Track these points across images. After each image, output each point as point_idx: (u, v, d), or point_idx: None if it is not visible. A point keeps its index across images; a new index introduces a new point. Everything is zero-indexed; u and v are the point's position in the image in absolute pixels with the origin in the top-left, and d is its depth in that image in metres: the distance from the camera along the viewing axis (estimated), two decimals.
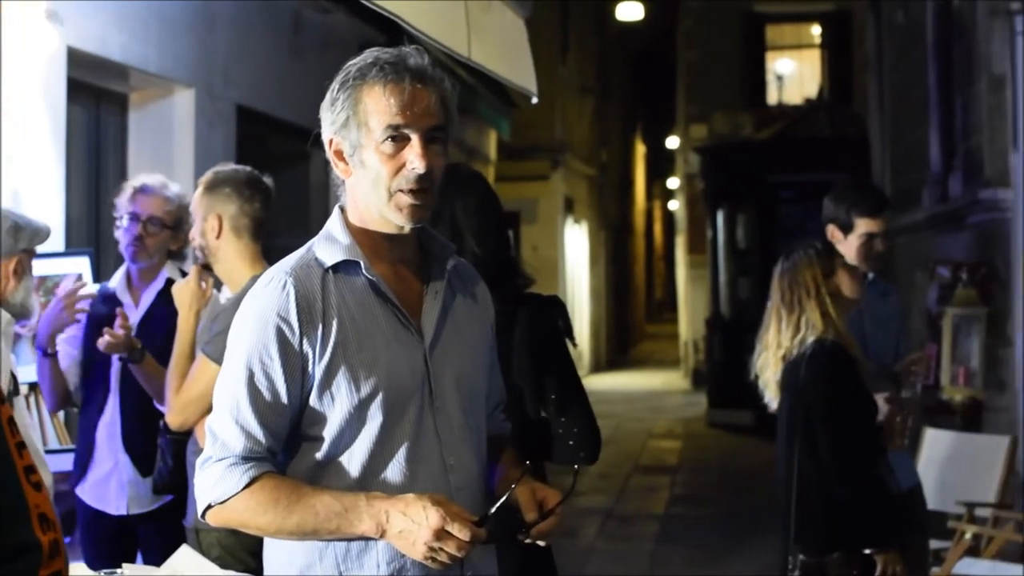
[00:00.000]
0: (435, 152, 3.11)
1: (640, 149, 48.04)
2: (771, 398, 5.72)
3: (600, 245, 34.53)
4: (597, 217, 33.97)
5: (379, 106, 3.08)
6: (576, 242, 30.44)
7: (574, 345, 4.39)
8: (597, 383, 28.52)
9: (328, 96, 3.16)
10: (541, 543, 3.17)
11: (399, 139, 3.08)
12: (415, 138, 3.08)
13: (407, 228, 3.16)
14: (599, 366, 32.19)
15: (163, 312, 5.89)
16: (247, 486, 3.04)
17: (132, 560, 5.83)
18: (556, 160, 27.09)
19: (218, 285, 5.54)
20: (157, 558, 4.92)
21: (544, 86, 23.22)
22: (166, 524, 5.86)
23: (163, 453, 5.50)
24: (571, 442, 4.23)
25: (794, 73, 27.34)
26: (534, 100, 13.81)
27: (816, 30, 27.24)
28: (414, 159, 3.07)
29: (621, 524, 13.38)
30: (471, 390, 3.27)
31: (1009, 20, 10.22)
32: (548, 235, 26.72)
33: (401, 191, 3.10)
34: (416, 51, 3.16)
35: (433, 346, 3.18)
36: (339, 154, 3.16)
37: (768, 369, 5.63)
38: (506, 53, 12.47)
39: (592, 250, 32.74)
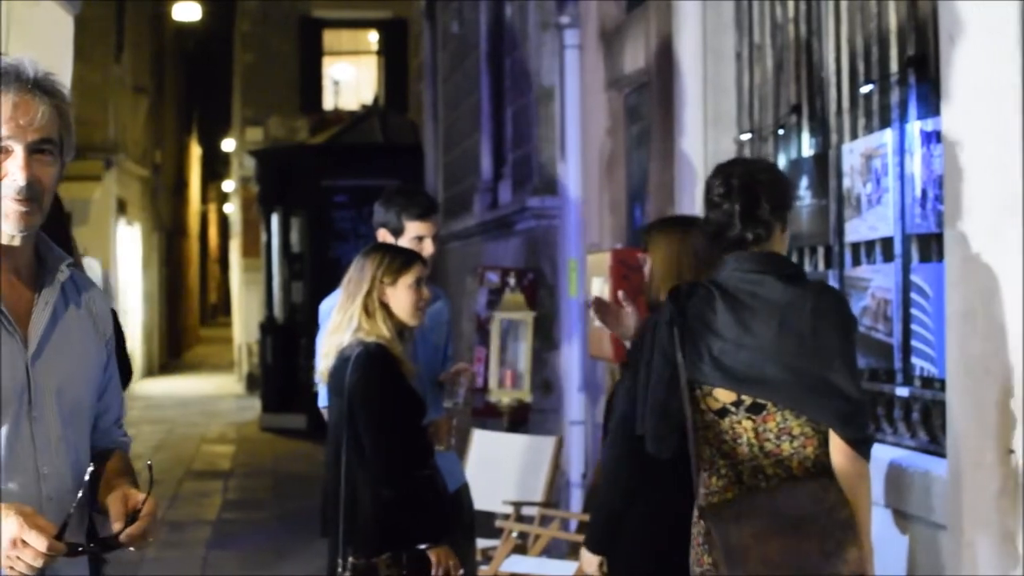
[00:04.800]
0: (42, 163, 3.10)
1: (196, 151, 47.51)
2: (324, 393, 5.72)
3: (153, 248, 34.00)
4: (150, 219, 33.43)
5: None
6: (128, 244, 29.87)
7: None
8: (150, 388, 28.01)
9: None
10: (133, 548, 3.15)
11: (3, 150, 3.06)
12: (18, 149, 3.06)
13: (17, 237, 3.12)
14: (151, 370, 31.68)
15: None
16: None
17: None
18: (109, 160, 26.49)
19: None
20: None
21: (97, 85, 22.76)
22: None
23: None
24: None
25: (351, 79, 27.57)
26: None
27: (373, 37, 27.53)
28: (16, 171, 3.06)
29: (173, 530, 13.19)
30: (74, 402, 3.24)
31: (559, 34, 10.55)
32: (100, 237, 26.07)
33: (8, 199, 3.07)
34: (33, 60, 3.14)
35: (36, 355, 3.15)
36: None
37: (326, 361, 5.59)
38: (44, 51, 12.17)
39: (145, 253, 32.19)
